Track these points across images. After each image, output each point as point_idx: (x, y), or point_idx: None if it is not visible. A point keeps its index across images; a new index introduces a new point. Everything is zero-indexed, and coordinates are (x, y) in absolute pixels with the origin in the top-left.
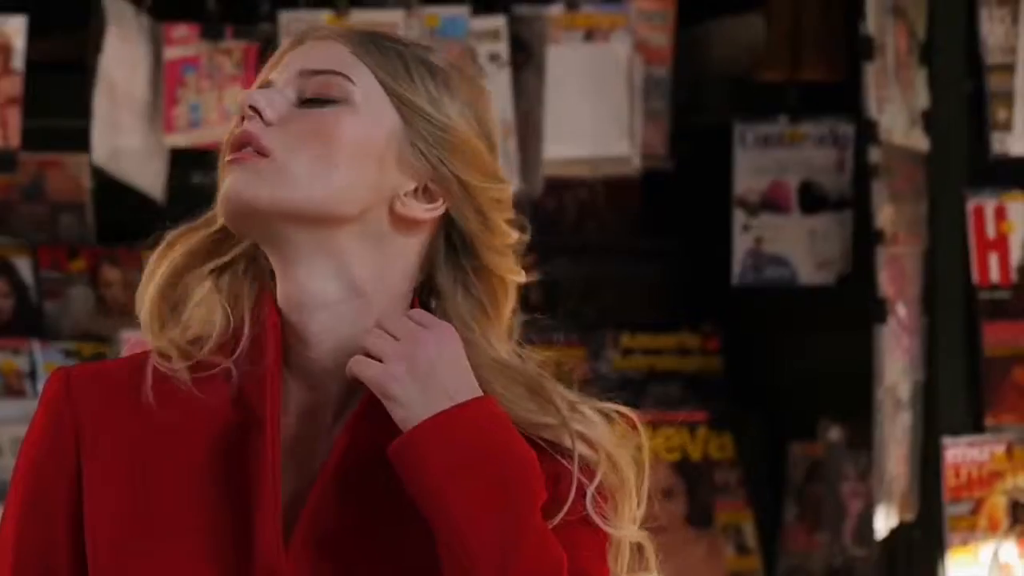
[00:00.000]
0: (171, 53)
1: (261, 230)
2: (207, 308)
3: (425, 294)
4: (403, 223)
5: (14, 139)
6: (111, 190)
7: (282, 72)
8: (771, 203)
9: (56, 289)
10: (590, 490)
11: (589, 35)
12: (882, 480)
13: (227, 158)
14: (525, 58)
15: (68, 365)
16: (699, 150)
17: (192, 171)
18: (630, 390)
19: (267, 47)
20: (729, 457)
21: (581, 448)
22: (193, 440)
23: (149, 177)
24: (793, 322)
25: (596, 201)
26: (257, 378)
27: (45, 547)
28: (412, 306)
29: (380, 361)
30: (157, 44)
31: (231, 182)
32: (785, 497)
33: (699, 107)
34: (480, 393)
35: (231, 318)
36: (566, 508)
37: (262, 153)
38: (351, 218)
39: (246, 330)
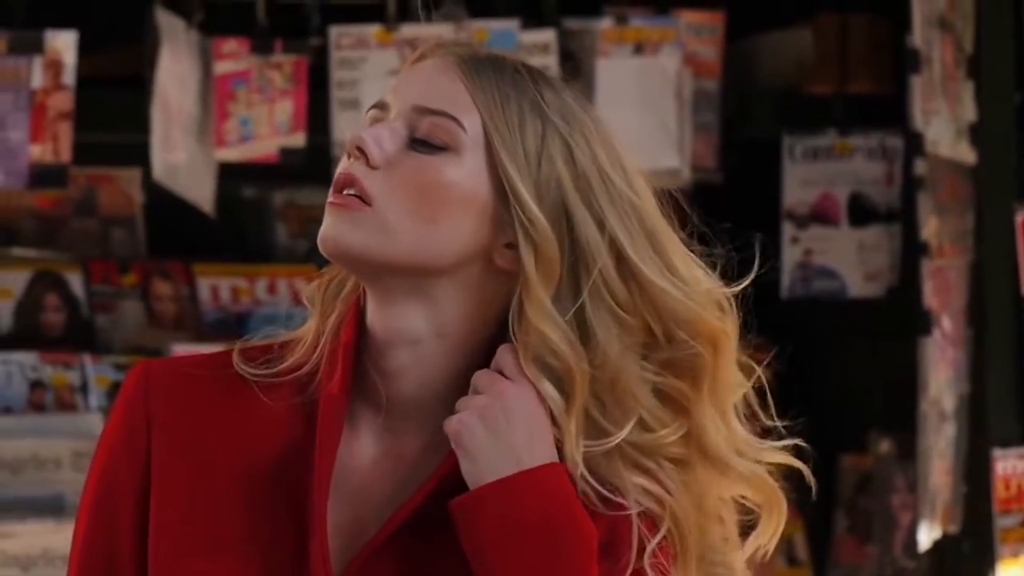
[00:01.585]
0: (221, 67)
1: (357, 271)
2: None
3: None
4: (498, 272)
5: (65, 154)
6: (162, 204)
7: (398, 96)
8: (820, 215)
9: (107, 303)
10: (650, 546)
11: (638, 48)
12: (926, 492)
13: (330, 198)
14: (574, 72)
15: (149, 359)
16: (748, 162)
17: (243, 185)
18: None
19: (316, 61)
20: (779, 469)
21: (646, 502)
22: (260, 449)
23: (200, 191)
24: (843, 334)
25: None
26: (324, 396)
27: (110, 542)
28: (497, 345)
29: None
30: (207, 59)
31: (329, 226)
32: (835, 509)
33: (748, 120)
34: (554, 457)
35: (320, 328)
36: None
37: (364, 200)
38: (448, 269)
39: (327, 342)
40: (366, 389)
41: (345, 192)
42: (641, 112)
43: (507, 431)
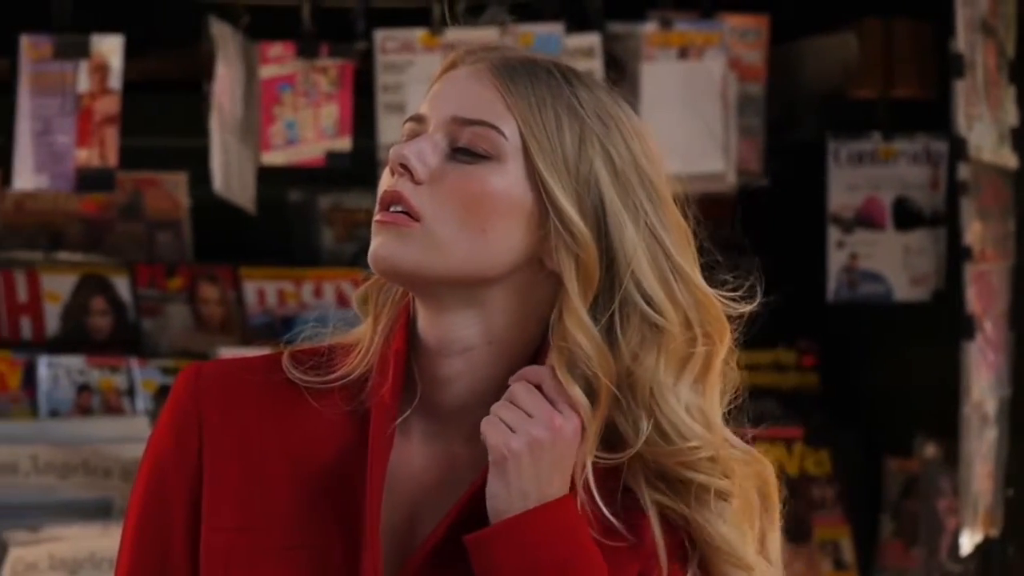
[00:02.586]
0: (267, 72)
1: (410, 286)
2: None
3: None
4: (547, 274)
5: (112, 158)
6: (208, 208)
7: (435, 108)
8: (865, 219)
9: (154, 307)
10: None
11: (683, 52)
12: (968, 496)
13: (376, 216)
14: (619, 75)
15: (199, 362)
16: (793, 166)
17: (289, 189)
18: (740, 404)
19: (362, 65)
20: (826, 473)
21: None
22: (312, 455)
23: (244, 194)
24: (889, 338)
25: (694, 218)
26: (375, 404)
27: (161, 546)
28: (543, 347)
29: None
30: (252, 63)
31: (379, 245)
32: (882, 513)
33: (793, 124)
34: (567, 486)
35: (372, 335)
36: None
37: (412, 216)
38: (499, 277)
39: (377, 349)
40: (415, 395)
41: (392, 209)
42: (686, 116)
43: (546, 468)
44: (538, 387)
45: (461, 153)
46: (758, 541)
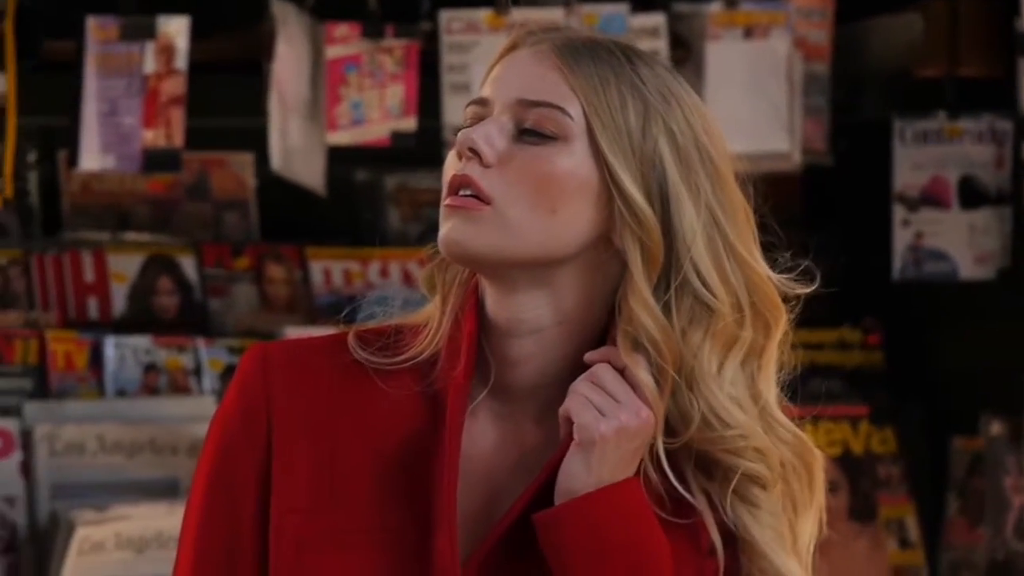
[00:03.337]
0: (333, 52)
1: (482, 270)
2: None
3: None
4: (615, 254)
5: (178, 138)
6: (275, 188)
7: (498, 91)
8: (931, 198)
9: (220, 287)
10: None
11: (748, 32)
12: None
13: (446, 201)
14: (684, 55)
15: (265, 342)
16: (858, 146)
17: (355, 169)
18: (791, 384)
19: (427, 45)
20: (891, 451)
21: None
22: (383, 437)
23: (311, 174)
24: (954, 316)
25: (756, 196)
26: (447, 384)
27: (230, 527)
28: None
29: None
30: (318, 43)
31: (451, 229)
32: (947, 491)
33: (858, 103)
34: (633, 470)
35: (440, 316)
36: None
37: (482, 200)
38: (568, 257)
39: (446, 330)
40: (484, 376)
41: (461, 193)
42: (751, 96)
43: (627, 455)
44: (620, 371)
45: (528, 135)
46: (795, 531)
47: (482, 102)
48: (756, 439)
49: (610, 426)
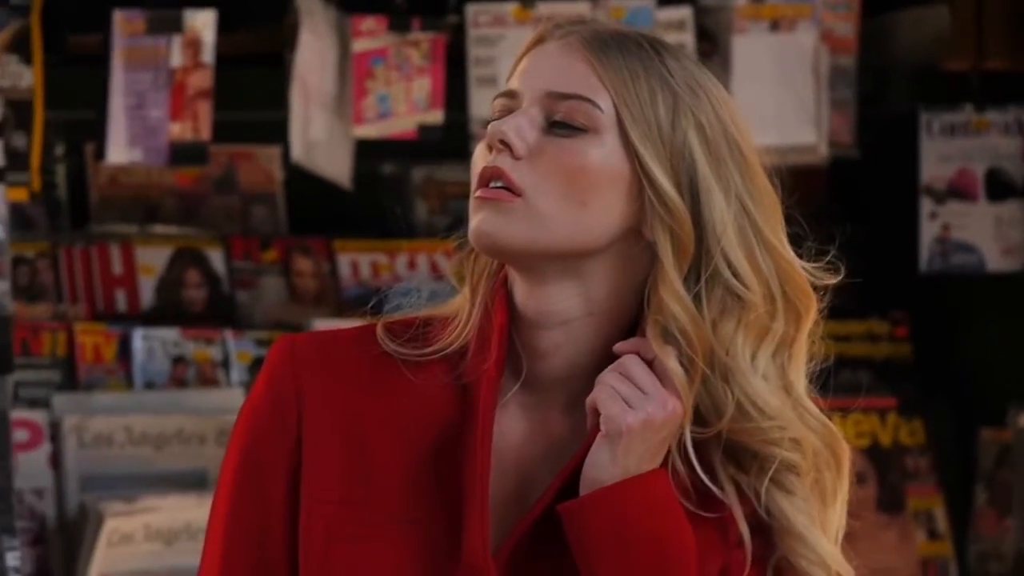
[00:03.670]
0: (359, 45)
1: (512, 262)
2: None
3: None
4: (646, 246)
5: (205, 132)
6: (302, 181)
7: (527, 83)
8: (958, 191)
9: (248, 279)
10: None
11: (775, 25)
12: None
13: (477, 193)
14: (711, 48)
15: (293, 334)
16: (885, 138)
17: (382, 162)
18: (819, 376)
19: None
20: (919, 443)
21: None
22: (413, 428)
23: (338, 168)
24: (981, 308)
25: (782, 189)
26: (478, 376)
27: (259, 518)
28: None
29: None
30: (345, 37)
31: (482, 221)
32: (975, 482)
33: (884, 96)
34: (659, 462)
35: (471, 307)
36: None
37: (513, 192)
38: (599, 249)
39: (476, 322)
40: (514, 367)
41: (492, 185)
42: (778, 89)
43: (653, 447)
44: (648, 362)
45: (558, 127)
46: (824, 520)
47: (511, 94)
48: (793, 428)
49: (637, 418)
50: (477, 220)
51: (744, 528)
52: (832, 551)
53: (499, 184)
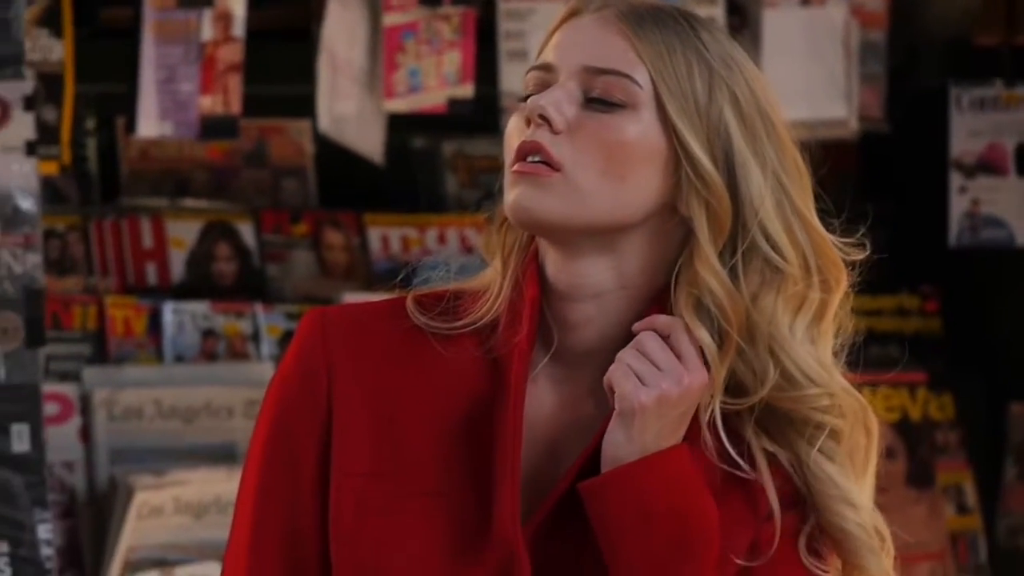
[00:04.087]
0: (390, 19)
1: (549, 236)
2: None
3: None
4: (680, 220)
5: (236, 105)
6: (333, 155)
7: (563, 57)
8: (988, 165)
9: (279, 253)
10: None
11: (805, 0)
12: None
13: (514, 167)
14: (741, 23)
15: (322, 307)
16: (914, 113)
17: (412, 136)
18: (847, 352)
19: (484, 13)
20: (949, 417)
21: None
22: (444, 401)
23: (369, 142)
24: (1011, 283)
25: (812, 163)
26: (509, 349)
27: (290, 490)
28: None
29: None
30: (376, 11)
31: (520, 195)
32: (1005, 457)
33: (914, 70)
34: (680, 436)
35: (502, 280)
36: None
37: (552, 167)
38: (635, 224)
39: (507, 295)
40: (544, 340)
41: (530, 159)
42: (808, 63)
43: (670, 423)
44: (665, 338)
45: (596, 103)
46: (860, 484)
47: (546, 68)
48: (839, 395)
49: (650, 395)
50: (515, 194)
51: (774, 500)
52: (873, 513)
53: (537, 158)
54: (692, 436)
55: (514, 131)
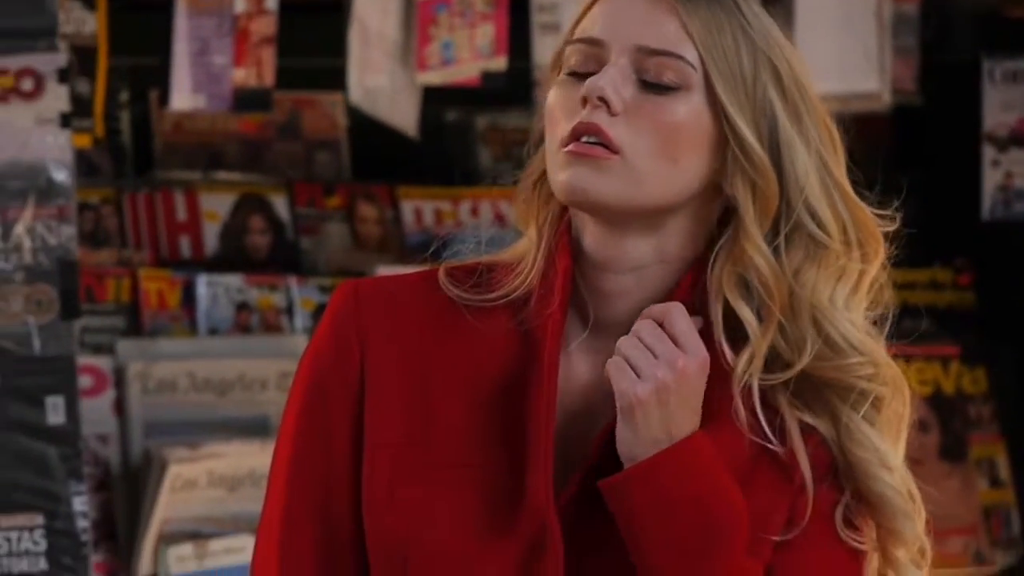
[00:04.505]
0: None
1: (600, 216)
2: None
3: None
4: (722, 197)
5: (269, 78)
6: (366, 127)
7: (614, 35)
8: (1020, 138)
9: (312, 225)
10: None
11: None
12: None
13: (570, 147)
14: None
15: (355, 279)
16: (947, 86)
17: (445, 109)
18: (882, 324)
19: None
20: (982, 391)
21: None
22: (476, 372)
23: (403, 115)
24: None
25: (846, 136)
26: (542, 321)
27: (323, 462)
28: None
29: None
30: None
31: (577, 176)
32: None
33: (947, 43)
34: (698, 422)
35: (536, 252)
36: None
37: (611, 149)
38: (683, 204)
39: (540, 267)
40: (579, 312)
41: (585, 140)
42: (841, 35)
43: (673, 410)
44: (661, 324)
45: (650, 85)
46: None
47: (595, 43)
48: (882, 364)
49: (646, 388)
50: (569, 175)
51: (808, 473)
52: (907, 477)
53: (593, 139)
54: (723, 409)
55: (559, 105)
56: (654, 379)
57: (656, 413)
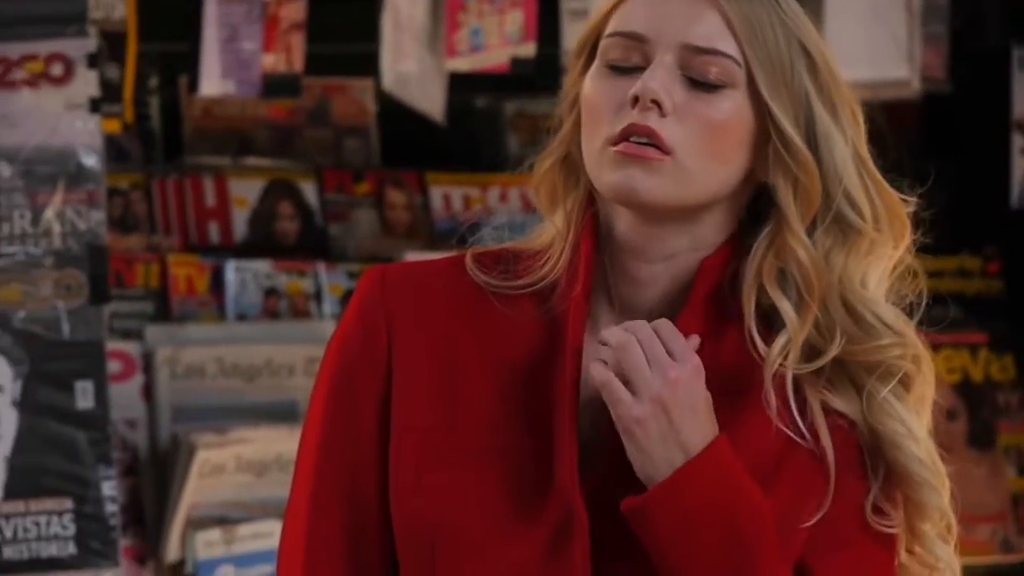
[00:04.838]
0: None
1: (643, 212)
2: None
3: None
4: (755, 184)
5: (298, 64)
6: (395, 114)
7: (659, 31)
8: None
9: (341, 212)
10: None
11: None
12: None
13: (620, 147)
14: None
15: (382, 264)
16: (977, 73)
17: (474, 95)
18: (910, 312)
19: None
20: (1010, 379)
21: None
22: (502, 357)
23: (432, 101)
24: None
25: (875, 124)
26: (567, 306)
27: (351, 446)
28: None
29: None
30: None
31: (629, 176)
32: None
33: (977, 31)
34: (714, 428)
35: (564, 239)
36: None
37: (664, 151)
38: (723, 198)
39: (567, 255)
40: (606, 297)
41: (635, 140)
42: (871, 23)
43: (676, 420)
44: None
45: (696, 82)
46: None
47: (638, 38)
48: (913, 345)
49: (642, 409)
50: (621, 176)
51: (832, 463)
52: (933, 449)
53: (644, 140)
54: (753, 398)
55: (602, 101)
56: (649, 395)
57: (655, 429)
